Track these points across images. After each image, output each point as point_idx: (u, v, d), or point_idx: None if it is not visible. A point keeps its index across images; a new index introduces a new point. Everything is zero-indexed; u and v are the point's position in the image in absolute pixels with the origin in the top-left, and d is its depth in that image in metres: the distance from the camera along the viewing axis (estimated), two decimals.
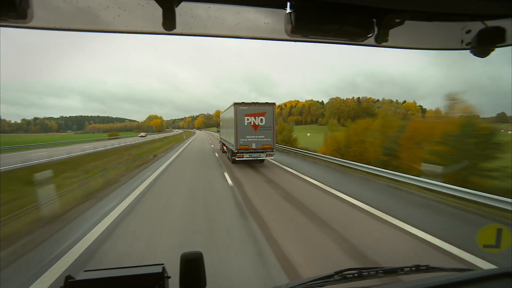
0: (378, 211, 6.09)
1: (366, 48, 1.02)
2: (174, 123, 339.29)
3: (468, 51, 0.90)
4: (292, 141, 27.22)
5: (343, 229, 4.97)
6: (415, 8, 0.76)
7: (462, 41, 0.91)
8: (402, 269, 1.05)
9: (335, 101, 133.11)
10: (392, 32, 0.81)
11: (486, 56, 0.87)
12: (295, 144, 26.38)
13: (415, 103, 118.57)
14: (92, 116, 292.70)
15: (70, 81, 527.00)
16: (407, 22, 0.80)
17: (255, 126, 12.96)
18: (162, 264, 0.95)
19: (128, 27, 0.77)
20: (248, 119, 12.88)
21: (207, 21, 0.79)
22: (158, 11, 0.69)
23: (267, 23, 0.82)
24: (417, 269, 1.06)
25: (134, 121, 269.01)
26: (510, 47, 0.89)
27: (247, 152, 13.14)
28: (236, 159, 13.32)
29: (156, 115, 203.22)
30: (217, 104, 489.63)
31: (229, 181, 9.57)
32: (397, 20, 0.78)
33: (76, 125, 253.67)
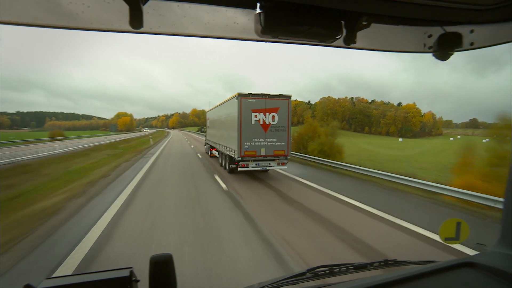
0: None
1: (340, 51, 0.94)
2: (146, 122, 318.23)
3: (431, 54, 0.96)
4: (336, 153, 16.60)
5: None
6: (381, 12, 0.80)
7: (424, 45, 0.96)
8: (371, 264, 1.09)
9: (327, 101, 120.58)
10: (359, 34, 0.83)
11: (446, 59, 0.94)
12: (340, 157, 16.00)
13: (415, 105, 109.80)
14: (55, 112, 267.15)
15: (32, 75, 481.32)
16: (374, 25, 0.83)
17: (265, 126, 10.02)
18: (130, 267, 0.86)
19: (93, 24, 0.73)
20: (256, 116, 9.95)
21: (176, 20, 0.76)
22: (124, 8, 0.66)
23: (237, 23, 0.80)
24: (385, 263, 1.10)
25: (103, 118, 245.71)
26: (467, 52, 0.97)
27: (254, 160, 10.09)
28: (239, 169, 10.09)
29: (125, 113, 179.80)
30: (191, 103, 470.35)
31: None
32: (364, 23, 0.81)
33: (36, 121, 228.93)
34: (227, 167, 11.81)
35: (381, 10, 0.78)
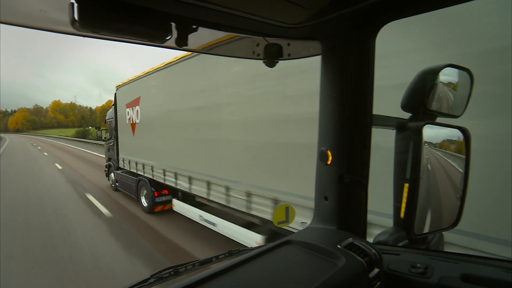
0: None
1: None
2: None
3: (261, 61, 1.02)
4: None
5: None
6: (208, 19, 0.80)
7: (253, 52, 1.02)
8: (217, 257, 1.12)
9: None
10: (191, 37, 0.81)
11: (273, 67, 1.02)
12: None
13: None
14: None
15: None
16: (205, 29, 0.83)
17: None
18: None
19: None
20: None
21: None
22: None
23: (45, 11, 0.65)
24: (230, 254, 1.14)
25: None
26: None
27: None
28: None
29: None
30: (46, 99, 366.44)
31: None
32: (193, 26, 0.80)
33: None
34: None
35: (207, 17, 0.79)
